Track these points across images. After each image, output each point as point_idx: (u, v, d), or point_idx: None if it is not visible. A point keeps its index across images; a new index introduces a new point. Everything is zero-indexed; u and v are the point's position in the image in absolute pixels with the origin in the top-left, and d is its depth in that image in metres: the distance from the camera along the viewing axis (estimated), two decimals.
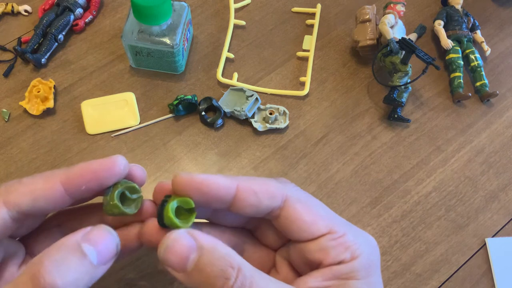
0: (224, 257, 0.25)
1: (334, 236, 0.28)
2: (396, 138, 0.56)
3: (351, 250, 0.28)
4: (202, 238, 0.26)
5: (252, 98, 0.54)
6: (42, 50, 0.57)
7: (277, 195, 0.28)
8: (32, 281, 0.23)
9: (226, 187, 0.27)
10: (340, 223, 0.29)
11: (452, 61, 0.59)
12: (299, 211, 0.28)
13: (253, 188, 0.28)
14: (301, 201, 0.29)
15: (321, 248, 0.28)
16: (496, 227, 0.51)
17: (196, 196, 0.27)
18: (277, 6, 0.64)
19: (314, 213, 0.29)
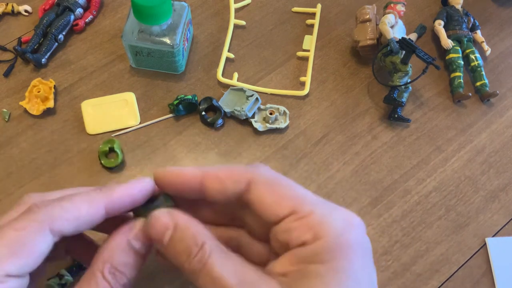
0: (192, 235, 0.28)
1: (297, 216, 0.28)
2: (396, 138, 0.56)
3: (314, 230, 0.27)
4: (179, 217, 0.28)
5: (252, 98, 0.54)
6: (42, 50, 0.57)
7: (241, 179, 0.29)
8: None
9: (192, 176, 0.30)
10: (307, 203, 0.28)
11: (452, 61, 0.59)
12: (262, 193, 0.29)
13: (218, 174, 0.30)
14: (266, 183, 0.29)
15: (285, 229, 0.28)
16: (496, 227, 0.51)
17: (170, 188, 0.30)
18: (277, 6, 0.64)
19: (277, 194, 0.29)
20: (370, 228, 0.51)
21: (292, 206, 0.28)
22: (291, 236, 0.27)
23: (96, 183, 0.51)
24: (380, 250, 0.50)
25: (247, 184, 0.29)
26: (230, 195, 0.30)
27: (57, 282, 0.45)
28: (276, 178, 0.30)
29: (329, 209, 0.28)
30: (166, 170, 0.30)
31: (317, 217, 0.27)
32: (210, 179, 0.30)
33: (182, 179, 0.30)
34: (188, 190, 0.30)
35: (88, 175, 0.52)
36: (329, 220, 0.27)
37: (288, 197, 0.29)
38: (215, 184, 0.30)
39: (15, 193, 0.51)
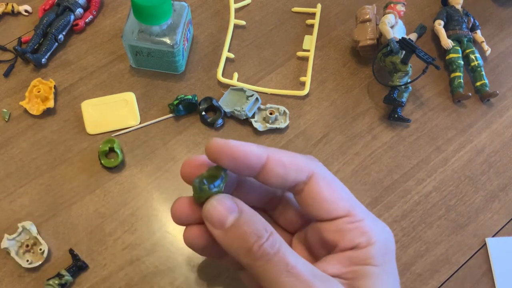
0: (261, 221, 0.27)
1: (352, 220, 0.28)
2: (396, 138, 0.56)
3: (368, 235, 0.28)
4: (243, 205, 0.28)
5: (252, 98, 0.54)
6: (42, 50, 0.57)
7: (304, 169, 0.29)
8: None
9: (258, 155, 0.28)
10: (360, 208, 0.29)
11: (452, 61, 0.59)
12: (322, 189, 0.29)
13: (282, 159, 0.29)
14: (325, 180, 0.29)
15: (338, 229, 0.28)
16: (496, 227, 0.51)
17: (228, 161, 0.28)
18: (277, 6, 0.64)
19: (336, 194, 0.29)
20: None
21: (348, 208, 0.29)
22: (344, 237, 0.28)
23: (96, 183, 0.51)
24: None
25: (308, 175, 0.29)
26: (290, 183, 0.29)
27: (57, 282, 0.45)
28: (334, 178, 0.30)
29: (373, 218, 0.30)
30: (228, 142, 0.28)
31: (369, 223, 0.29)
32: (274, 163, 0.29)
33: (245, 155, 0.28)
34: (247, 167, 0.29)
35: (88, 175, 0.52)
36: (378, 228, 0.29)
37: (345, 199, 0.29)
38: (279, 169, 0.29)
39: (15, 193, 0.51)
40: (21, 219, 0.49)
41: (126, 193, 0.51)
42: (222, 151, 0.28)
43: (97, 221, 0.49)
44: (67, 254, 0.48)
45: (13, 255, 0.46)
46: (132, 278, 0.47)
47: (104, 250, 0.48)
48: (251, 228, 0.26)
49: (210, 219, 0.28)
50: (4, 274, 0.47)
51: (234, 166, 0.29)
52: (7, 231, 0.48)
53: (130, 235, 0.49)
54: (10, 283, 0.46)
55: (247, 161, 0.28)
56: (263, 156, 0.28)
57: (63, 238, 0.49)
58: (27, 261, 0.46)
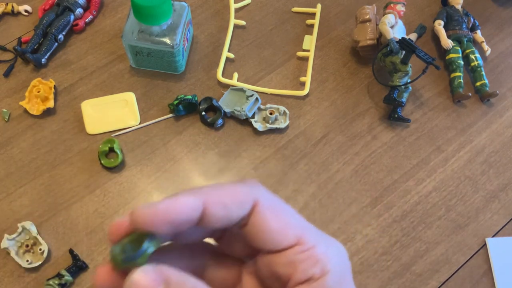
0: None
1: (303, 248, 0.26)
2: (396, 138, 0.56)
3: (321, 264, 0.26)
4: (170, 272, 0.24)
5: (252, 98, 0.54)
6: (42, 50, 0.57)
7: (247, 201, 0.26)
8: None
9: (193, 207, 0.25)
10: (311, 233, 0.27)
11: (452, 61, 0.59)
12: (267, 219, 0.26)
13: (222, 199, 0.26)
14: (270, 208, 0.27)
15: (290, 261, 0.26)
16: (496, 227, 0.51)
17: (163, 228, 0.25)
18: (277, 6, 0.64)
19: (283, 221, 0.26)
20: (370, 228, 0.51)
21: (297, 235, 0.26)
22: (297, 269, 0.26)
23: (96, 183, 0.51)
24: (380, 250, 0.50)
25: (252, 206, 0.26)
26: (233, 220, 0.26)
27: (57, 282, 0.45)
28: (279, 203, 0.28)
29: (326, 239, 0.28)
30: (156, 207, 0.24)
31: (322, 249, 0.26)
32: (214, 207, 0.25)
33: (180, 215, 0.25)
34: (185, 224, 0.25)
35: (88, 175, 0.52)
36: (331, 253, 0.27)
37: (293, 226, 0.27)
38: (220, 212, 0.25)
39: (15, 193, 0.51)
40: (21, 219, 0.49)
41: (126, 193, 0.51)
42: (152, 220, 0.24)
43: (97, 221, 0.49)
44: (67, 254, 0.48)
45: (13, 255, 0.46)
46: None
47: (104, 250, 0.48)
48: None
49: None
50: (4, 274, 0.47)
51: (171, 230, 0.25)
52: (7, 231, 0.48)
53: None
54: (10, 283, 0.46)
55: (184, 219, 0.25)
56: (199, 205, 0.25)
57: (63, 238, 0.49)
58: (27, 261, 0.46)
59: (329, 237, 0.28)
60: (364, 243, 0.50)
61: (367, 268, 0.49)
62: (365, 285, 0.48)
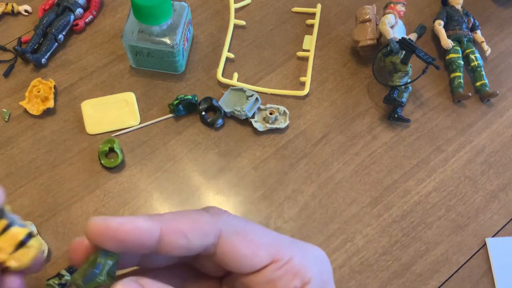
0: None
1: (279, 264, 0.25)
2: (396, 138, 0.56)
3: (301, 275, 0.25)
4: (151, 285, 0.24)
5: (252, 98, 0.54)
6: (42, 50, 0.57)
7: (210, 232, 0.25)
8: None
9: (147, 231, 0.24)
10: (285, 246, 0.26)
11: (452, 61, 0.59)
12: (236, 245, 0.25)
13: (181, 228, 0.25)
14: (237, 233, 0.26)
15: (268, 280, 0.25)
16: (496, 227, 0.51)
17: (114, 245, 0.24)
18: (277, 6, 0.64)
19: (253, 244, 0.26)
20: (370, 228, 0.51)
21: (271, 253, 0.26)
22: (277, 286, 0.25)
23: (96, 183, 0.51)
24: (380, 250, 0.50)
25: (216, 237, 0.25)
26: (196, 250, 0.25)
27: (57, 282, 0.45)
28: (245, 225, 0.27)
29: (302, 248, 0.27)
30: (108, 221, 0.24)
31: (298, 260, 0.26)
32: (172, 235, 0.24)
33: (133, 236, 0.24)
34: (139, 248, 0.24)
35: (88, 175, 0.52)
36: (309, 262, 0.26)
37: (265, 245, 0.26)
38: (178, 241, 0.25)
39: (15, 193, 0.51)
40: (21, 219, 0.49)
41: (126, 193, 0.51)
42: (103, 233, 0.23)
43: None
44: (67, 254, 0.48)
45: None
46: None
47: None
48: None
49: None
50: None
51: (122, 248, 0.24)
52: None
53: None
54: None
55: (137, 241, 0.24)
56: (154, 230, 0.24)
57: (63, 238, 0.49)
58: None
59: (305, 244, 0.27)
60: (364, 243, 0.50)
61: (367, 268, 0.49)
62: (365, 285, 0.48)
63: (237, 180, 0.53)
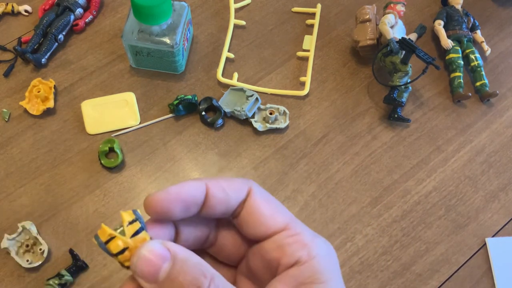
0: (197, 266, 0.25)
1: (291, 233, 0.28)
2: (396, 138, 0.56)
3: (308, 248, 0.27)
4: (176, 248, 0.25)
5: (252, 98, 0.54)
6: (42, 50, 0.57)
7: (242, 187, 0.29)
8: None
9: (199, 188, 0.27)
10: (297, 222, 0.29)
11: (452, 61, 0.59)
12: (259, 204, 0.28)
13: (221, 184, 0.28)
14: (262, 195, 0.29)
15: (278, 245, 0.27)
16: (496, 227, 0.51)
17: (179, 207, 0.27)
18: (277, 6, 0.64)
19: (272, 208, 0.29)
20: (370, 228, 0.51)
21: (286, 221, 0.28)
22: (285, 253, 0.27)
23: (96, 183, 0.51)
24: (380, 250, 0.50)
25: (247, 193, 0.29)
26: (232, 206, 0.28)
27: (57, 282, 0.45)
28: (268, 194, 0.30)
29: (312, 232, 0.29)
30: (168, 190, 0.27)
31: (308, 236, 0.28)
32: (215, 189, 0.28)
33: (191, 194, 0.27)
34: (195, 205, 0.28)
35: (88, 175, 0.52)
36: (317, 241, 0.28)
37: (282, 213, 0.29)
38: (220, 194, 0.28)
39: (15, 193, 0.51)
40: (21, 219, 0.49)
41: (126, 193, 0.51)
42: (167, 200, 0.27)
43: (97, 221, 0.49)
44: (67, 254, 0.48)
45: (13, 255, 0.46)
46: None
47: None
48: (187, 278, 0.24)
49: (141, 273, 0.25)
50: (4, 274, 0.47)
51: (185, 208, 0.27)
52: (7, 231, 0.48)
53: None
54: (10, 283, 0.46)
55: (194, 198, 0.27)
56: (203, 187, 0.28)
57: (63, 238, 0.49)
58: (27, 261, 0.46)
59: (315, 233, 0.29)
60: (364, 243, 0.50)
61: (367, 268, 0.49)
62: (365, 285, 0.48)
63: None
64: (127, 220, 0.26)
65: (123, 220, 0.26)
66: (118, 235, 0.25)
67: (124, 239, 0.25)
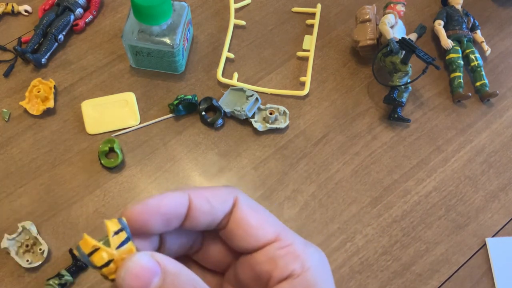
0: (190, 282, 0.24)
1: (282, 244, 0.26)
2: (396, 138, 0.56)
3: (301, 260, 0.26)
4: (166, 260, 0.24)
5: (252, 98, 0.54)
6: (42, 50, 0.57)
7: (228, 198, 0.27)
8: None
9: (181, 200, 0.26)
10: (288, 232, 0.27)
11: (452, 61, 0.59)
12: (247, 215, 0.27)
13: (205, 194, 0.27)
14: (249, 205, 0.27)
15: (269, 258, 0.26)
16: (496, 227, 0.51)
17: (157, 220, 0.25)
18: (277, 6, 0.64)
19: (261, 218, 0.27)
20: (370, 228, 0.51)
21: (276, 232, 0.27)
22: (277, 265, 0.26)
23: (96, 183, 0.51)
24: (380, 250, 0.50)
25: (233, 204, 0.27)
26: (218, 218, 0.27)
27: (57, 282, 0.45)
28: (256, 203, 0.28)
29: (303, 240, 0.28)
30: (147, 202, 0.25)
31: (300, 246, 0.26)
32: (198, 200, 0.26)
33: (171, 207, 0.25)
34: (176, 218, 0.26)
35: (88, 175, 0.52)
36: (310, 251, 0.27)
37: (271, 223, 0.27)
38: (205, 206, 0.26)
39: (15, 193, 0.51)
40: (21, 219, 0.49)
41: (126, 193, 0.51)
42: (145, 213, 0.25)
43: (97, 221, 0.49)
44: (67, 254, 0.48)
45: (13, 255, 0.46)
46: None
47: None
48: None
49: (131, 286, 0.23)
50: (4, 274, 0.47)
51: (165, 222, 0.26)
52: (7, 231, 0.48)
53: None
54: (10, 283, 0.46)
55: (175, 211, 0.25)
56: (185, 199, 0.26)
57: (63, 238, 0.49)
58: (27, 261, 0.46)
59: (306, 241, 0.28)
60: (364, 243, 0.50)
61: (367, 268, 0.49)
62: (365, 285, 0.48)
63: (237, 180, 0.53)
64: (112, 230, 0.24)
65: (108, 230, 0.24)
66: (103, 246, 0.24)
67: (109, 250, 0.24)
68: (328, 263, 0.28)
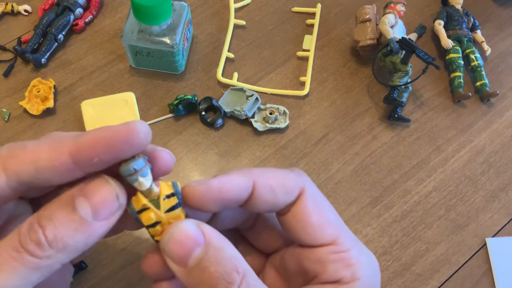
0: (231, 259, 0.23)
1: (337, 249, 0.25)
2: (396, 138, 0.56)
3: (353, 269, 0.25)
4: (211, 233, 0.23)
5: (252, 98, 0.54)
6: (42, 50, 0.57)
7: (294, 189, 0.25)
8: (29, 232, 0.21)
9: (244, 187, 0.24)
10: (347, 235, 0.26)
11: (452, 61, 0.59)
12: (309, 212, 0.25)
13: (270, 183, 0.25)
14: (314, 200, 0.26)
15: (321, 259, 0.25)
16: (496, 227, 0.51)
17: (215, 206, 0.24)
18: (277, 6, 0.64)
19: (323, 217, 0.26)
20: (370, 228, 0.51)
21: (334, 235, 0.25)
22: (326, 269, 0.25)
23: None
24: (380, 250, 0.50)
25: (298, 195, 0.26)
26: (279, 207, 0.25)
27: None
28: (321, 197, 0.27)
29: (360, 246, 0.27)
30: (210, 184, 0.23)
31: (355, 254, 0.25)
32: (262, 189, 0.25)
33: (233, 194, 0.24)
34: (234, 203, 0.25)
35: None
36: (364, 261, 0.26)
37: (332, 224, 0.26)
38: (268, 195, 0.25)
39: None
40: None
41: None
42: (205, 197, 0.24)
43: None
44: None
45: None
46: (132, 278, 0.47)
47: (104, 250, 0.48)
48: (219, 270, 0.22)
49: (170, 254, 0.23)
50: None
51: (222, 205, 0.24)
52: None
53: (130, 235, 0.49)
54: None
55: (235, 198, 0.24)
56: (249, 186, 0.24)
57: None
58: None
59: (363, 245, 0.27)
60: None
61: None
62: None
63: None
64: (164, 193, 0.23)
65: (161, 192, 0.23)
66: (152, 207, 0.23)
67: (157, 212, 0.23)
68: (379, 274, 0.27)
